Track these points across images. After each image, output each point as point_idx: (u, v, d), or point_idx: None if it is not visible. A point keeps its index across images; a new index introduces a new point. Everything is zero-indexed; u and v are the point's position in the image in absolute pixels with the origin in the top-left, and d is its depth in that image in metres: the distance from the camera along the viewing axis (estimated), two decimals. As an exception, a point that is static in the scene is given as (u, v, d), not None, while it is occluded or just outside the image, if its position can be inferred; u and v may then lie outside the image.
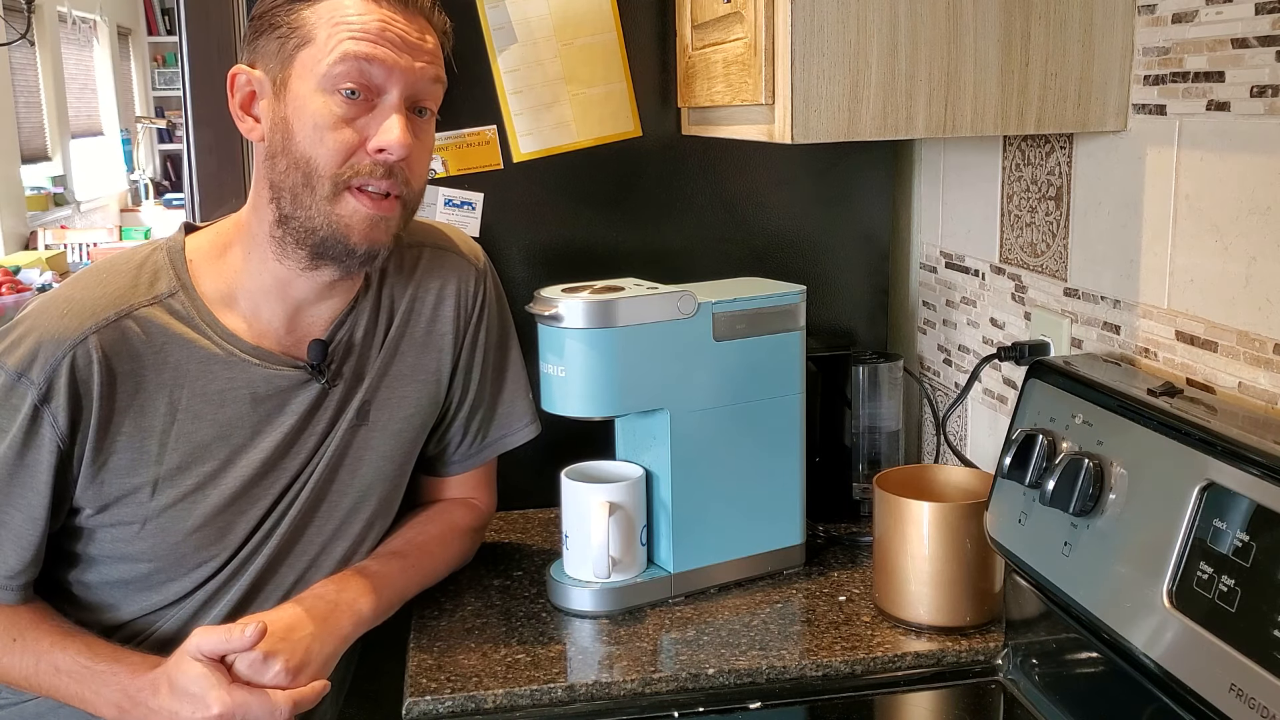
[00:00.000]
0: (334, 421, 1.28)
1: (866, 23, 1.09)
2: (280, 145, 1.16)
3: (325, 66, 1.13)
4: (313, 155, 1.14)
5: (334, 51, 1.13)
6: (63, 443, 1.15)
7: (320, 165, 1.14)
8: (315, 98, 1.14)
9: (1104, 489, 0.98)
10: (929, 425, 1.65)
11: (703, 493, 1.33)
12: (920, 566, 1.21)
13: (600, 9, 1.53)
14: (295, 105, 1.14)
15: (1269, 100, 0.96)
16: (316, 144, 1.14)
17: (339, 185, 1.15)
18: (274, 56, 1.16)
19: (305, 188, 1.15)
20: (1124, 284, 1.17)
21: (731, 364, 1.33)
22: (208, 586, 1.24)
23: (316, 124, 1.14)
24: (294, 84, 1.15)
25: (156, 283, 1.21)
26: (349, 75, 1.13)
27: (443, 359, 1.36)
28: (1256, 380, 0.99)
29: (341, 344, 1.28)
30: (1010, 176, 1.39)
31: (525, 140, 1.54)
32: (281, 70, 1.15)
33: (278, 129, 1.16)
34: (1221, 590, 0.84)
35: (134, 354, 1.18)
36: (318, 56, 1.14)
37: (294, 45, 1.15)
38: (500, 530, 1.55)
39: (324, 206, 1.15)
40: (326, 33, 1.14)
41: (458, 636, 1.25)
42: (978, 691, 1.18)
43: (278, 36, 1.15)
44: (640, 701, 1.15)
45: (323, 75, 1.13)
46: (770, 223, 1.62)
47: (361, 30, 1.14)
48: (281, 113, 1.15)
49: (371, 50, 1.14)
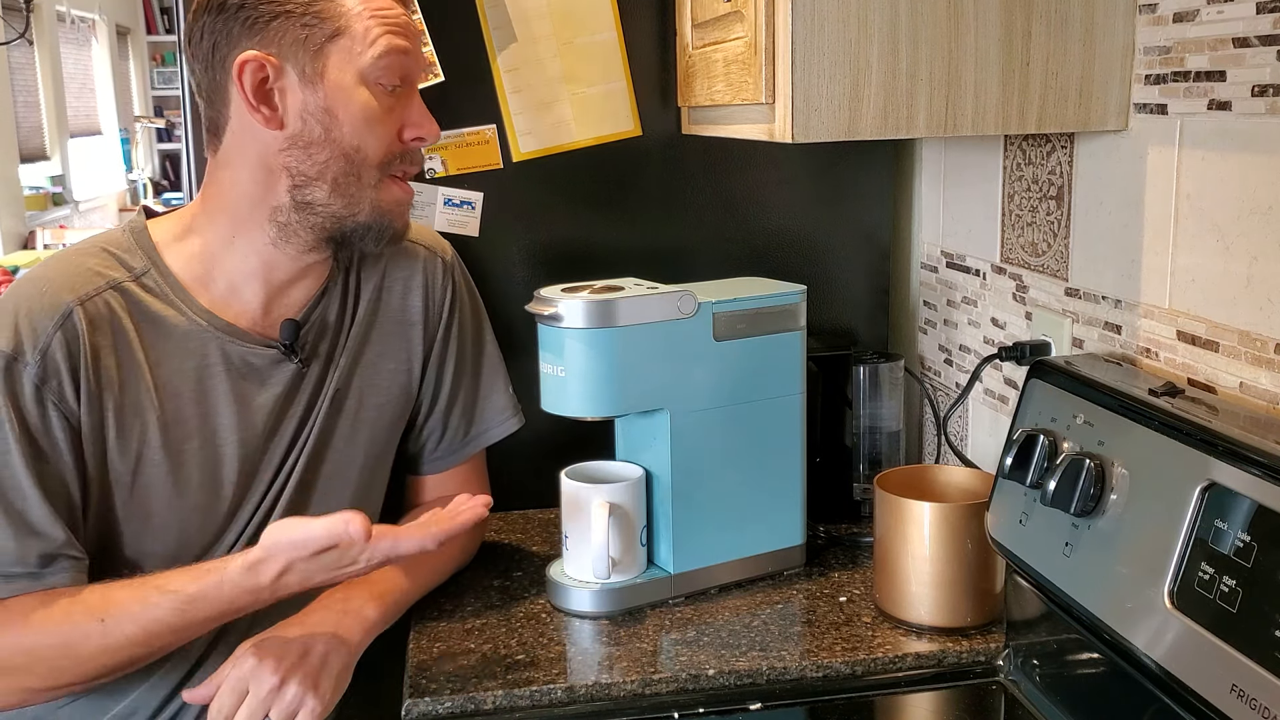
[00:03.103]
0: (311, 405, 1.29)
1: (867, 22, 1.09)
2: (320, 135, 1.17)
3: (370, 60, 1.16)
4: (363, 145, 1.18)
5: (377, 45, 1.16)
6: (71, 417, 1.15)
7: (371, 155, 1.19)
8: (359, 89, 1.17)
9: (1105, 489, 0.97)
10: (930, 425, 1.65)
11: (703, 493, 1.33)
12: (921, 567, 1.21)
13: (600, 8, 1.52)
14: (339, 96, 1.16)
15: (1270, 100, 0.96)
16: (367, 134, 1.18)
17: (384, 173, 1.21)
18: (299, 44, 1.15)
19: (352, 177, 1.19)
20: (1125, 284, 1.17)
21: (731, 364, 1.33)
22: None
23: (367, 116, 1.17)
24: (333, 74, 1.16)
25: (130, 260, 1.22)
26: (395, 70, 1.18)
27: (413, 350, 1.37)
28: (1258, 380, 0.99)
29: (315, 325, 1.29)
30: (1011, 176, 1.38)
31: (525, 140, 1.54)
32: (312, 60, 1.16)
33: (315, 119, 1.17)
34: (1223, 591, 0.83)
35: (116, 328, 1.18)
36: (358, 48, 1.16)
37: (325, 35, 1.15)
38: (500, 530, 1.55)
39: (370, 194, 1.20)
40: (364, 25, 1.16)
41: (458, 636, 1.25)
42: (979, 692, 1.18)
43: (303, 24, 1.15)
44: (640, 702, 1.14)
45: (367, 67, 1.16)
46: (770, 223, 1.62)
47: (395, 25, 1.18)
48: (319, 103, 1.16)
49: (407, 44, 1.19)
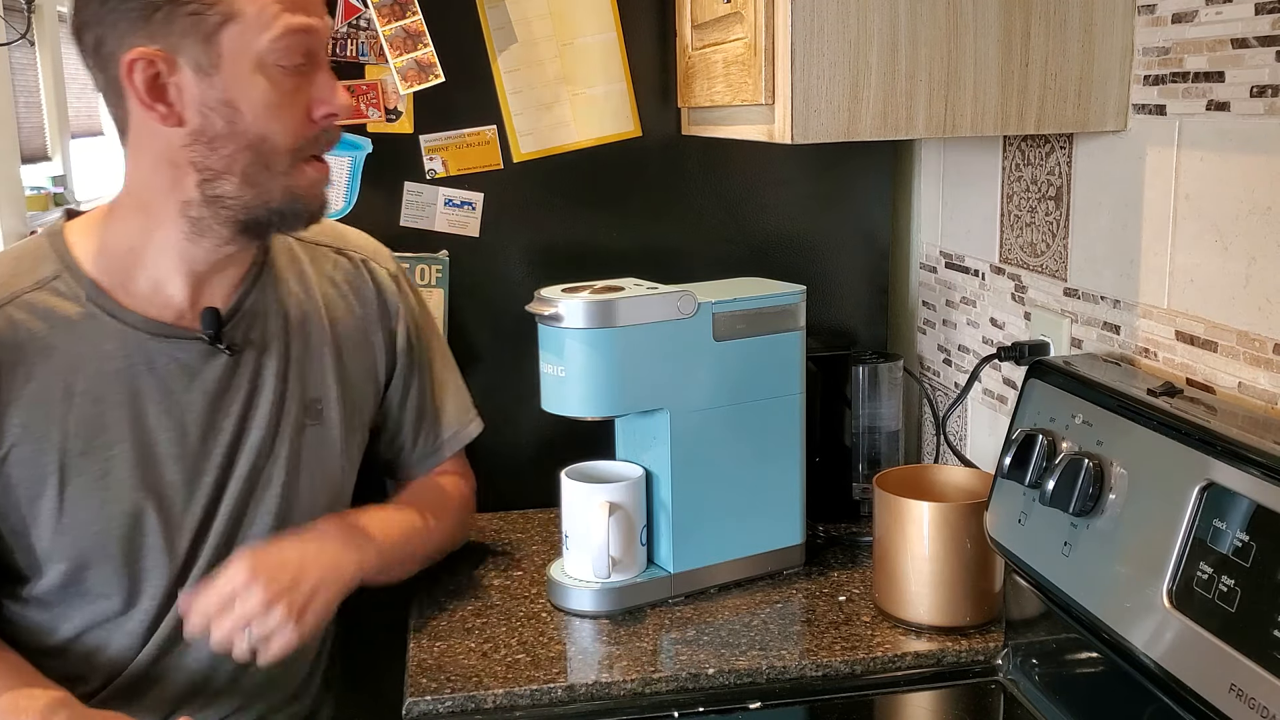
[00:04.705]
0: (251, 397, 1.23)
1: (867, 23, 1.09)
2: (223, 129, 1.11)
3: (267, 43, 1.09)
4: (269, 134, 1.12)
5: (273, 26, 1.09)
6: None
7: (280, 143, 1.13)
8: (259, 77, 1.10)
9: (1104, 489, 0.98)
10: (929, 425, 1.65)
11: (703, 493, 1.33)
12: (920, 566, 1.21)
13: (600, 9, 1.53)
14: (238, 86, 1.10)
15: (1269, 100, 0.96)
16: (272, 122, 1.12)
17: (296, 159, 1.15)
18: (188, 34, 1.08)
19: (260, 168, 1.13)
20: (1124, 284, 1.17)
21: (731, 364, 1.33)
22: (141, 601, 1.20)
23: (269, 103, 1.11)
24: (229, 63, 1.09)
25: (39, 268, 1.18)
26: (296, 49, 1.11)
27: (370, 357, 1.34)
28: (1256, 380, 0.99)
29: (245, 314, 1.24)
30: (1010, 176, 1.38)
31: (525, 140, 1.54)
32: (205, 50, 1.09)
33: (216, 113, 1.10)
34: (1221, 590, 0.84)
35: (18, 343, 1.14)
36: (253, 32, 1.09)
37: (216, 21, 1.08)
38: (500, 530, 1.55)
39: (282, 182, 1.14)
40: (256, 6, 1.09)
41: (458, 636, 1.25)
42: (977, 691, 1.18)
43: (190, 12, 1.08)
44: (640, 701, 1.15)
45: (265, 51, 1.10)
46: (770, 223, 1.62)
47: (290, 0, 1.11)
48: (217, 95, 1.10)
49: (306, 20, 1.12)
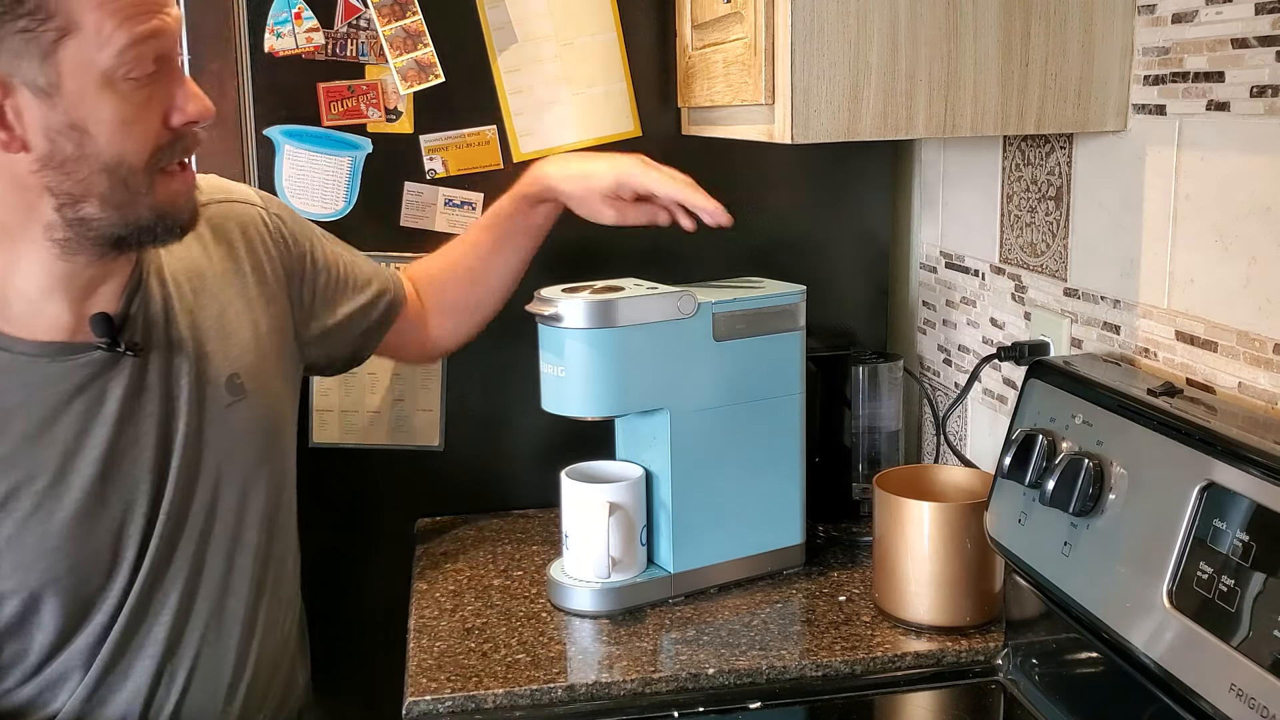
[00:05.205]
0: (169, 394, 1.16)
1: (867, 22, 1.09)
2: (74, 153, 1.03)
3: (111, 58, 1.01)
4: (124, 155, 1.05)
5: (116, 38, 1.01)
6: None
7: (134, 162, 1.06)
8: (106, 94, 1.02)
9: (1104, 489, 0.98)
10: (929, 425, 1.65)
11: (703, 493, 1.33)
12: (920, 566, 1.21)
13: (600, 9, 1.53)
14: (84, 107, 1.02)
15: (1269, 100, 0.96)
16: (126, 141, 1.05)
17: (153, 173, 1.08)
18: (22, 52, 0.99)
19: (120, 189, 1.06)
20: (1124, 284, 1.17)
21: (731, 364, 1.33)
22: (95, 615, 1.14)
23: (122, 121, 1.04)
24: (70, 83, 1.01)
25: None
26: (146, 58, 1.03)
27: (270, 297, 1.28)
28: (1256, 380, 0.99)
29: (140, 312, 1.16)
30: (1010, 176, 1.38)
31: (525, 140, 1.54)
32: (42, 69, 1.00)
33: (63, 136, 1.03)
34: (1221, 590, 0.84)
35: None
36: (94, 47, 1.00)
37: (51, 37, 0.99)
38: (500, 530, 1.55)
39: (146, 201, 1.08)
40: (95, 17, 1.00)
41: (458, 636, 1.25)
42: (978, 691, 1.18)
43: (20, 29, 0.98)
44: (640, 701, 1.15)
45: (109, 67, 1.01)
46: (770, 223, 1.62)
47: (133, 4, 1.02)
48: (62, 118, 1.02)
49: (149, 25, 1.02)
